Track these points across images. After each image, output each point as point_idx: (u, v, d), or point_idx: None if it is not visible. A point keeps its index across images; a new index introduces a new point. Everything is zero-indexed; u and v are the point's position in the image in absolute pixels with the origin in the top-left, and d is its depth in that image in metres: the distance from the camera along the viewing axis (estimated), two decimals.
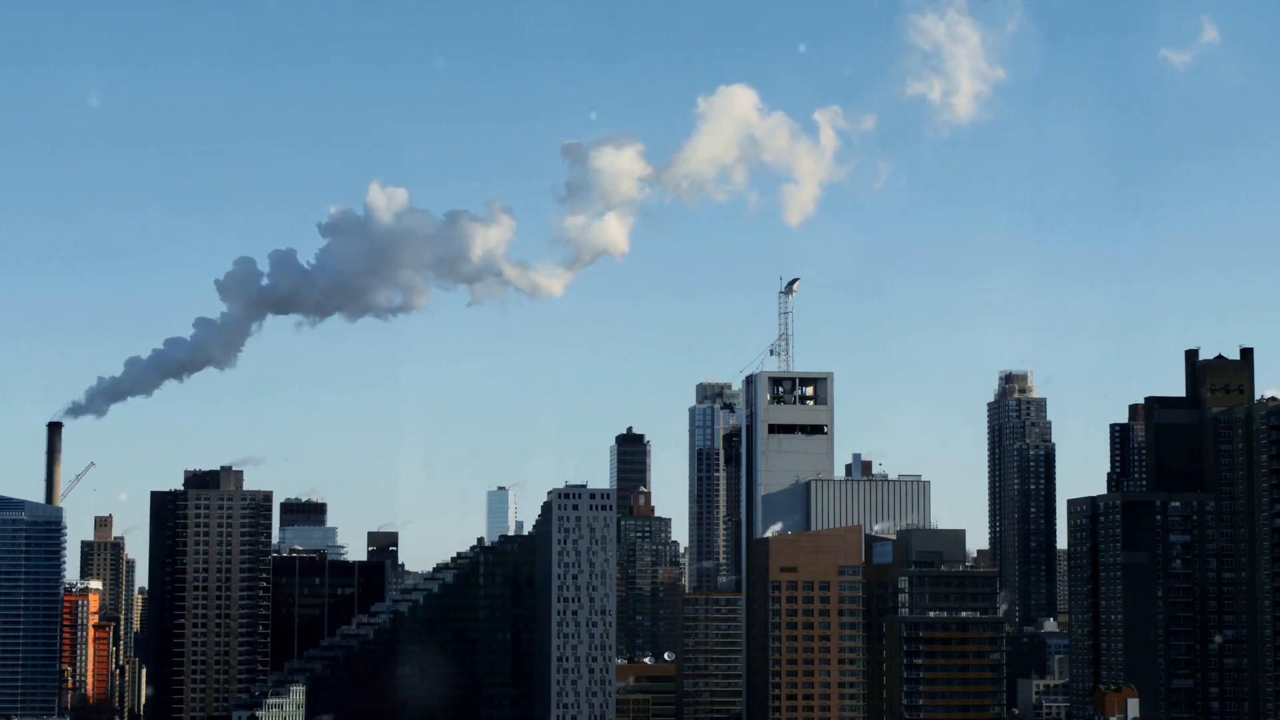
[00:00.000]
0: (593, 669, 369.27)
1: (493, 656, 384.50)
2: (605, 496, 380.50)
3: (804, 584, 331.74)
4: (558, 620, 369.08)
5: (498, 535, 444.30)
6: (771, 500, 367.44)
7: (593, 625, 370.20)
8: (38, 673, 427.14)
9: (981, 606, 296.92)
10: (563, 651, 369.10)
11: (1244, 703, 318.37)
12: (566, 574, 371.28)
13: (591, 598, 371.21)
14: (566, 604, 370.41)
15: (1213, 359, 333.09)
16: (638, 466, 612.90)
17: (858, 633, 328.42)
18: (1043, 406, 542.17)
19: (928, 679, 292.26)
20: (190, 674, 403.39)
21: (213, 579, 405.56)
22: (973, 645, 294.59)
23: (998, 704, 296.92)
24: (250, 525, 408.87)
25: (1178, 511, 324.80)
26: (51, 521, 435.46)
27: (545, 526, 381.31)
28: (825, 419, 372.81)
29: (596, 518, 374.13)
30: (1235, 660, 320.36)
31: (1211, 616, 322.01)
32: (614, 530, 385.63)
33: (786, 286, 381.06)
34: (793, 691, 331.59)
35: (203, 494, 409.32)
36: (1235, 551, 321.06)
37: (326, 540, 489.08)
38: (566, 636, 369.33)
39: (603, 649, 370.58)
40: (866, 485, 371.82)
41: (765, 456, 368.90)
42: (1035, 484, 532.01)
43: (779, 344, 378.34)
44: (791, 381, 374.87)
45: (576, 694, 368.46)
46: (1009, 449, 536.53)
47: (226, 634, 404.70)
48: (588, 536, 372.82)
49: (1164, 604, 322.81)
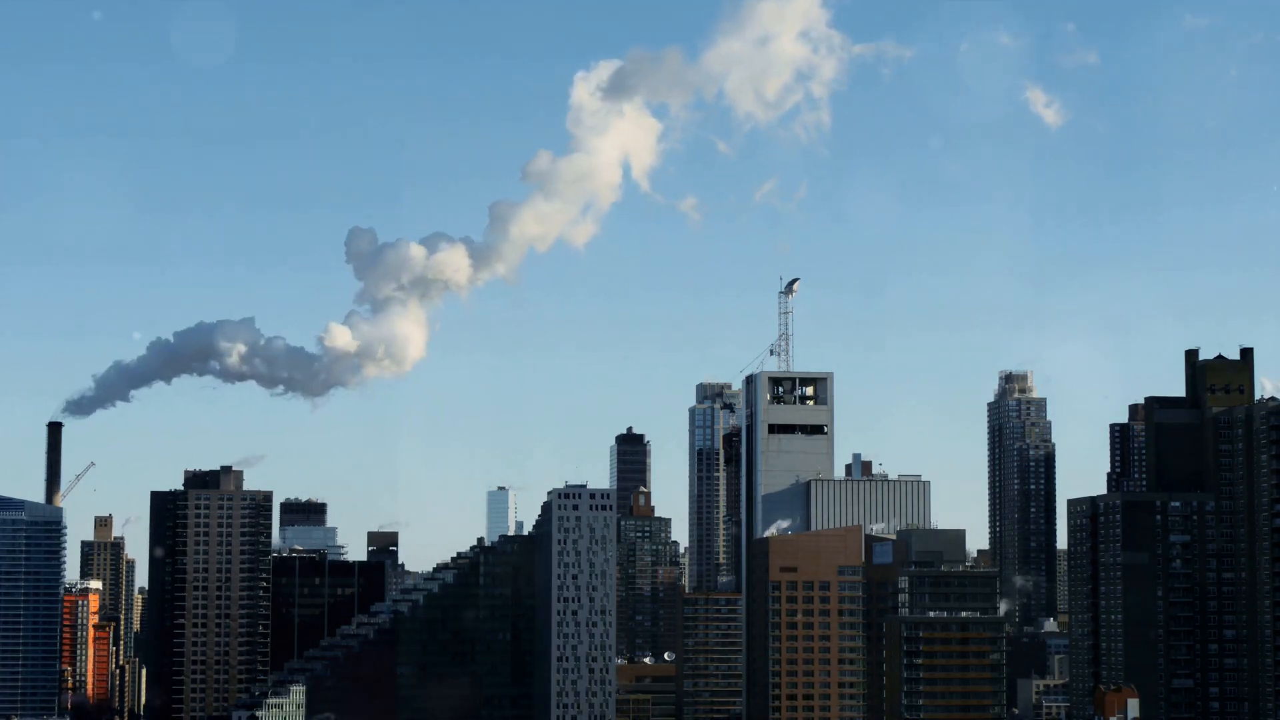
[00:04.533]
0: (593, 669, 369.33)
1: (493, 656, 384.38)
2: (605, 496, 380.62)
3: (804, 584, 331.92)
4: (558, 620, 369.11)
5: (498, 535, 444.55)
6: (771, 500, 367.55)
7: (593, 625, 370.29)
8: (38, 673, 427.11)
9: (981, 606, 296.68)
10: (563, 651, 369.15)
11: (1244, 703, 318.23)
12: (566, 574, 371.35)
13: (591, 598, 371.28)
14: (566, 604, 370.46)
15: (1213, 359, 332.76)
16: (638, 466, 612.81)
17: (858, 633, 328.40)
18: (1043, 406, 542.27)
19: (928, 679, 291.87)
20: (190, 674, 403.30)
21: (213, 579, 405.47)
22: (973, 645, 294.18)
23: (998, 704, 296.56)
24: (250, 525, 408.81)
25: (1178, 511, 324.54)
26: (51, 521, 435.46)
27: (545, 526, 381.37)
28: (825, 419, 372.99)
29: (596, 518, 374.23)
30: (1235, 660, 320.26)
31: (1211, 616, 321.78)
32: (614, 530, 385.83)
33: (786, 286, 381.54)
34: (793, 691, 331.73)
35: (203, 494, 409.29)
36: (1235, 551, 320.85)
37: (326, 540, 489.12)
38: (566, 636, 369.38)
39: (603, 649, 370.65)
40: (866, 485, 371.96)
41: (765, 456, 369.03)
42: (1035, 484, 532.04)
43: (779, 344, 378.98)
44: (791, 381, 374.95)
45: (576, 694, 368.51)
46: (1009, 449, 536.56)
47: (226, 634, 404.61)
48: (588, 536, 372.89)
49: (1164, 604, 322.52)
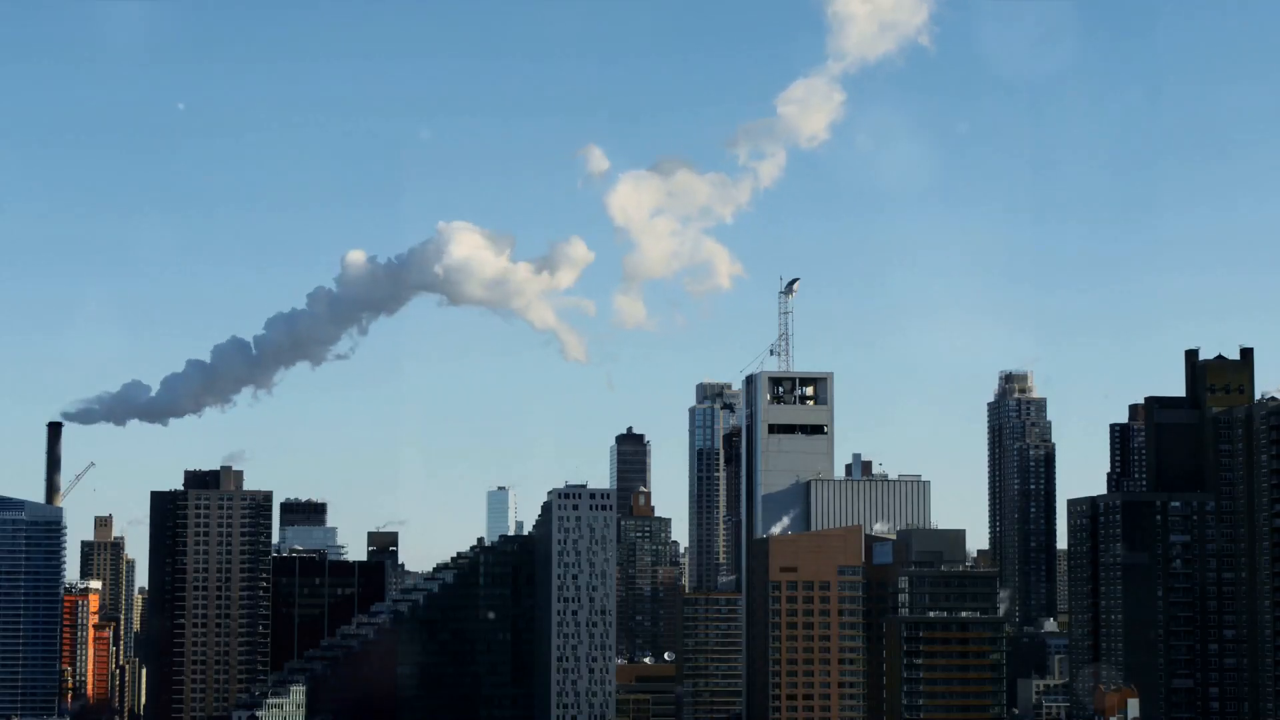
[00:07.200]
0: (593, 669, 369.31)
1: (493, 656, 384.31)
2: (605, 496, 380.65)
3: (804, 584, 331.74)
4: (558, 620, 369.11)
5: (498, 535, 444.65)
6: (771, 500, 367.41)
7: (593, 625, 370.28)
8: (38, 673, 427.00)
9: (981, 606, 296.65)
10: (563, 651, 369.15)
11: (1244, 703, 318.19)
12: (566, 574, 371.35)
13: (591, 598, 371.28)
14: (566, 604, 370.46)
15: (1213, 359, 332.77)
16: (638, 466, 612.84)
17: (858, 633, 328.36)
18: (1043, 406, 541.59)
19: (928, 679, 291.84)
20: (190, 674, 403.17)
21: (213, 579, 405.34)
22: (973, 645, 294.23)
23: (998, 704, 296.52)
24: (250, 525, 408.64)
25: (1178, 511, 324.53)
26: (51, 521, 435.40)
27: (545, 526, 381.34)
28: (825, 419, 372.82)
29: (596, 518, 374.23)
30: (1235, 660, 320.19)
31: (1211, 616, 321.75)
32: (614, 530, 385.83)
33: (786, 286, 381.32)
34: (793, 691, 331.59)
35: (203, 494, 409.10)
36: (1235, 551, 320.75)
37: (326, 540, 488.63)
38: (566, 636, 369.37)
39: (603, 649, 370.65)
40: (866, 485, 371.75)
41: (765, 456, 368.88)
42: (1035, 484, 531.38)
43: (779, 344, 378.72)
44: (791, 381, 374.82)
45: (576, 694, 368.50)
46: (1009, 449, 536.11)
47: (226, 634, 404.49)
48: (588, 536, 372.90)
49: (1164, 604, 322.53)
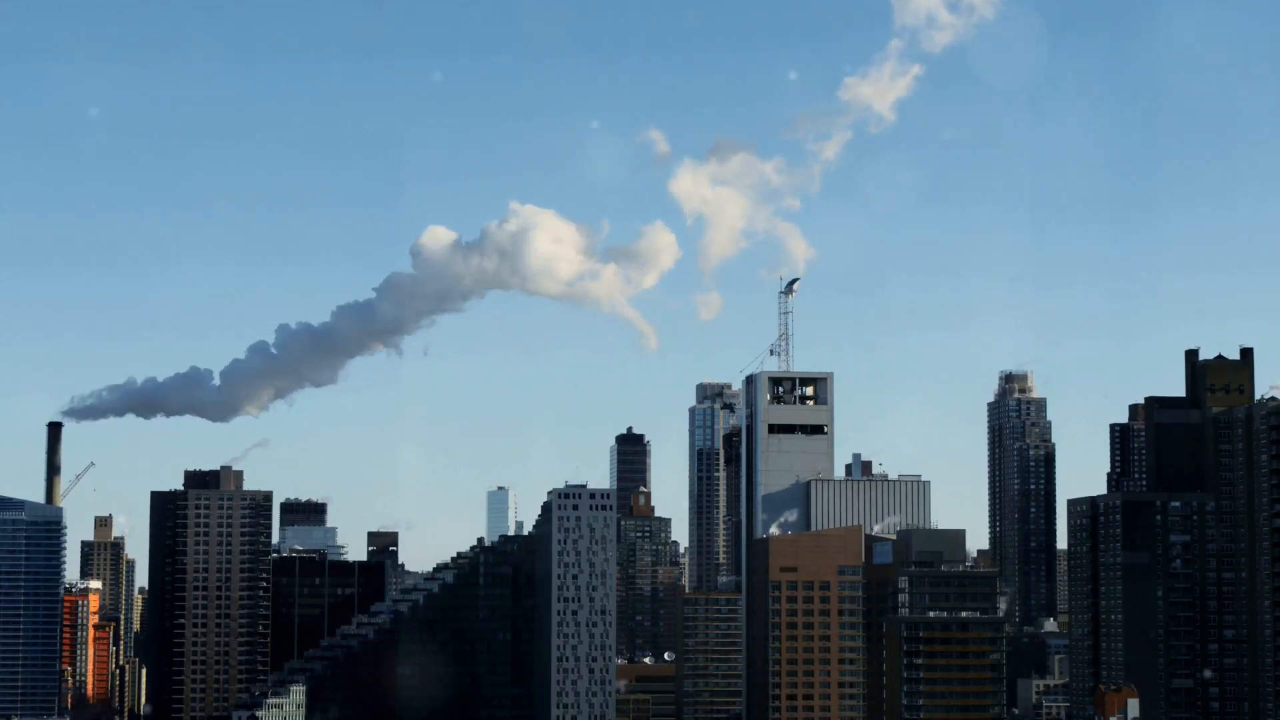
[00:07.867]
0: (593, 669, 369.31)
1: (493, 656, 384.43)
2: (605, 496, 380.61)
3: (804, 584, 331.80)
4: (558, 620, 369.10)
5: (498, 535, 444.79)
6: (771, 500, 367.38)
7: (593, 625, 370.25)
8: (38, 673, 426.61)
9: (981, 606, 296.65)
10: (563, 651, 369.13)
11: (1244, 703, 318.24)
12: (566, 574, 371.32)
13: (591, 598, 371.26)
14: (566, 604, 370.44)
15: (1213, 359, 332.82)
16: (638, 466, 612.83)
17: (858, 633, 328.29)
18: (1043, 406, 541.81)
19: (928, 679, 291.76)
20: (190, 674, 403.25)
21: (213, 579, 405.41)
22: (973, 645, 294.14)
23: (998, 704, 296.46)
24: (250, 525, 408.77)
25: (1178, 511, 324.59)
26: (51, 521, 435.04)
27: (545, 526, 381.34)
28: (825, 419, 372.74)
29: (596, 518, 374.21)
30: (1235, 660, 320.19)
31: (1211, 616, 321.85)
32: (614, 530, 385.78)
33: (786, 286, 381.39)
34: (793, 691, 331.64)
35: (203, 494, 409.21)
36: (1235, 551, 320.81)
37: (326, 540, 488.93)
38: (566, 636, 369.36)
39: (603, 649, 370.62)
40: (866, 485, 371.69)
41: (765, 456, 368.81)
42: (1035, 484, 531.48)
43: (779, 344, 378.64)
44: (791, 381, 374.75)
45: (576, 694, 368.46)
46: (1009, 449, 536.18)
47: (226, 634, 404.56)
48: (588, 536, 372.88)
49: (1164, 604, 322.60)
